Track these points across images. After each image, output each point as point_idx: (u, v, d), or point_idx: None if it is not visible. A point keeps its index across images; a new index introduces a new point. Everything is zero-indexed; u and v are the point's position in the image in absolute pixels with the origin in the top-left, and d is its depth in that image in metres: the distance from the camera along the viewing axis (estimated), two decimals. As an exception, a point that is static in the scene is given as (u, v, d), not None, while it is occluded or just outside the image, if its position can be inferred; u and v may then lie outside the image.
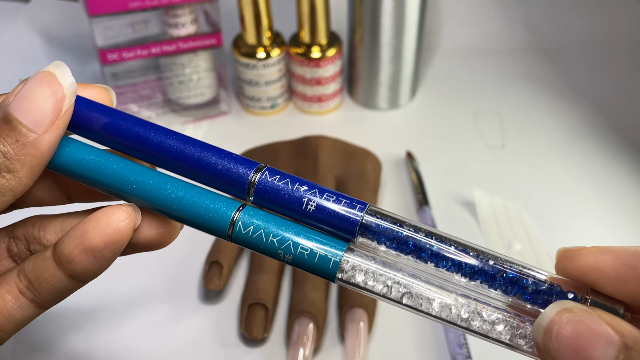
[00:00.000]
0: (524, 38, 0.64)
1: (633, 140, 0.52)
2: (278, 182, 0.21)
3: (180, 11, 0.48)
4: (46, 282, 0.21)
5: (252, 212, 0.21)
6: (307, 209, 0.21)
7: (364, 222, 0.21)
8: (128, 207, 0.21)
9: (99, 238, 0.20)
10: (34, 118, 0.19)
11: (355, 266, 0.20)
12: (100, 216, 0.20)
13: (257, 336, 0.36)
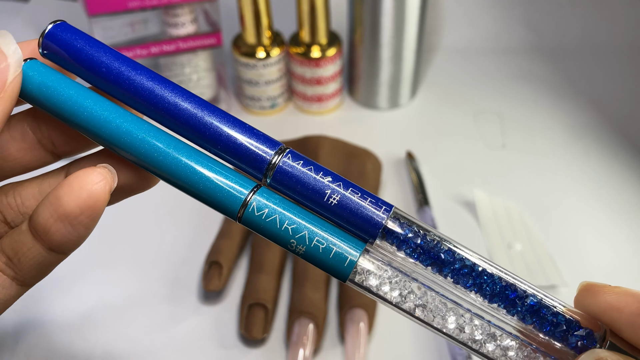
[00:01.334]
0: (524, 38, 0.64)
1: (633, 139, 0.52)
2: (301, 167, 0.19)
3: (180, 11, 0.48)
4: (25, 256, 0.19)
5: (267, 194, 0.19)
6: (328, 202, 0.19)
7: (387, 226, 0.19)
8: (102, 168, 0.19)
9: (73, 203, 0.18)
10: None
11: (369, 269, 0.19)
12: (73, 180, 0.18)
13: (257, 336, 0.36)
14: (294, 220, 0.18)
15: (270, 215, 0.18)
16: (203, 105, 0.19)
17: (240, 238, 0.41)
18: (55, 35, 0.19)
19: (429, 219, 0.44)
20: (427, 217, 0.44)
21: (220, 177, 0.18)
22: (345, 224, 0.19)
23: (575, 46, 0.63)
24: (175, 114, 0.19)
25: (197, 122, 0.19)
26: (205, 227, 0.44)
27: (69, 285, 0.41)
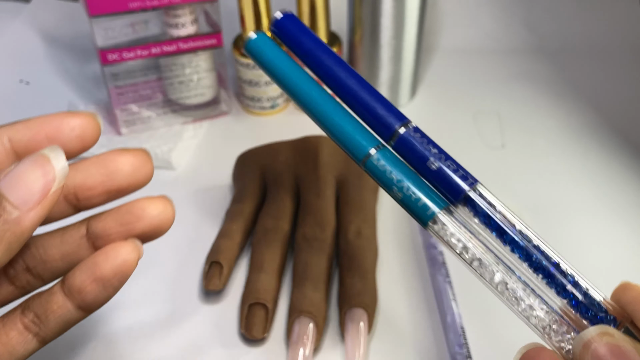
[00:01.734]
0: (524, 38, 0.64)
1: (633, 139, 0.52)
2: (416, 138, 0.26)
3: (181, 11, 0.48)
4: (54, 314, 0.22)
5: (388, 152, 0.25)
6: (429, 167, 0.26)
7: (469, 195, 0.26)
8: (133, 241, 0.22)
9: (109, 268, 0.22)
10: (21, 196, 0.20)
11: (444, 223, 0.25)
12: (109, 250, 0.22)
13: (257, 336, 0.36)
14: (400, 175, 0.25)
15: (385, 166, 0.25)
16: (356, 77, 0.27)
17: (241, 238, 0.42)
18: (281, 21, 0.28)
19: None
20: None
21: (360, 130, 0.26)
22: (440, 186, 0.26)
23: (575, 47, 0.63)
24: (342, 86, 0.27)
25: (348, 88, 0.27)
26: (205, 227, 0.45)
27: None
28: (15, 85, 0.60)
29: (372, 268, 0.39)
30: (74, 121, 0.22)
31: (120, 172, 0.24)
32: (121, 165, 0.23)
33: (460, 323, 0.37)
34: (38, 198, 0.20)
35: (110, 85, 0.50)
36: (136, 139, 0.51)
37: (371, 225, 0.42)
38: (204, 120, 0.55)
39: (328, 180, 0.44)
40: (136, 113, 0.52)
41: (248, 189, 0.44)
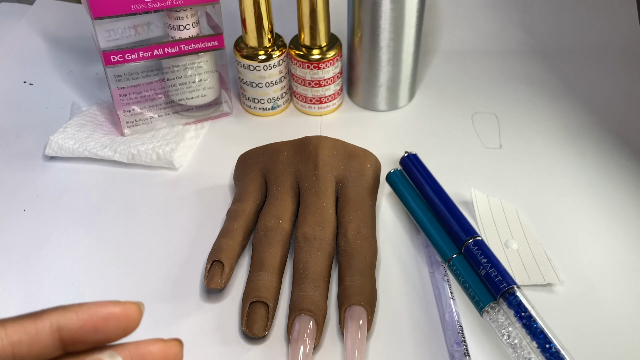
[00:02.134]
0: (521, 40, 0.64)
1: (629, 140, 0.52)
2: (476, 250, 0.39)
3: (183, 13, 0.49)
4: None
5: (459, 259, 0.40)
6: (481, 272, 0.38)
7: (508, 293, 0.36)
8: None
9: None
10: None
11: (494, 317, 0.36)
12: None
13: (258, 334, 0.37)
14: (465, 277, 0.39)
15: (456, 269, 0.39)
16: (453, 211, 0.42)
17: (242, 237, 0.42)
18: (410, 158, 0.47)
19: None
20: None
21: (445, 241, 0.41)
22: (489, 284, 0.38)
23: (571, 48, 0.63)
24: (438, 212, 0.43)
25: (447, 219, 0.42)
26: (207, 226, 0.45)
27: (72, 284, 0.41)
28: (19, 86, 0.60)
29: (372, 267, 0.40)
30: (120, 313, 0.23)
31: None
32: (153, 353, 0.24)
33: (458, 321, 0.37)
34: None
35: (113, 87, 0.50)
36: (139, 139, 0.52)
37: (371, 225, 0.42)
38: (205, 120, 0.55)
39: (328, 180, 0.44)
40: (139, 114, 0.52)
41: (249, 189, 0.45)
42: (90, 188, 0.49)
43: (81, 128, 0.52)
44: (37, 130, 0.55)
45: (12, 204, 0.48)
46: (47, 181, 0.50)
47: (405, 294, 0.40)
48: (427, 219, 0.43)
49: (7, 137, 0.54)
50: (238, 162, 0.48)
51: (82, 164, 0.51)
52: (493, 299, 0.36)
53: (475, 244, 0.39)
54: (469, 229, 0.40)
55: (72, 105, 0.56)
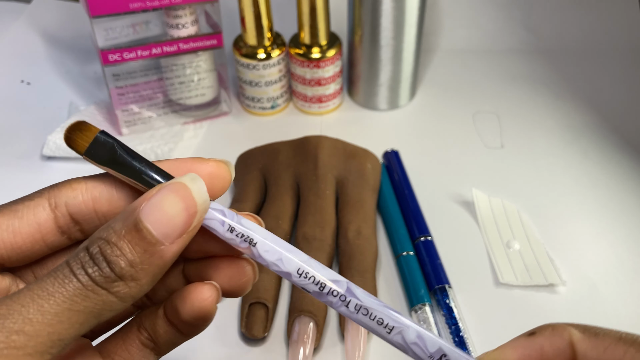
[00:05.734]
0: (523, 38, 0.64)
1: (631, 140, 0.52)
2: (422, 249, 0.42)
3: (181, 12, 0.48)
4: (161, 337, 0.24)
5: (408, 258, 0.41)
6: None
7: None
8: (211, 285, 0.23)
9: (188, 316, 0.23)
10: (165, 230, 0.20)
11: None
12: (187, 295, 0.23)
13: (257, 335, 0.37)
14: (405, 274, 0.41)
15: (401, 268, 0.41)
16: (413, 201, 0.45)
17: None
18: (390, 154, 0.48)
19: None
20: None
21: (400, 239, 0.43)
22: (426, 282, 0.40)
23: (573, 47, 0.63)
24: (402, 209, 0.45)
25: (407, 217, 0.44)
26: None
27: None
28: (16, 86, 0.60)
29: (372, 267, 0.39)
30: (205, 168, 0.22)
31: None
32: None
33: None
34: (180, 232, 0.20)
35: (111, 86, 0.50)
36: (137, 139, 0.52)
37: (371, 225, 0.42)
38: (204, 120, 0.55)
39: (328, 180, 0.44)
40: (137, 113, 0.52)
41: (248, 189, 0.45)
42: (88, 188, 0.49)
43: (79, 127, 0.52)
44: (34, 129, 0.54)
45: (9, 204, 0.47)
46: (45, 181, 0.49)
47: (405, 293, 0.40)
48: (391, 215, 0.44)
49: (5, 137, 0.54)
50: (237, 162, 0.48)
51: (80, 164, 0.51)
52: (427, 300, 0.38)
53: (425, 243, 0.42)
54: (424, 228, 0.43)
55: (69, 105, 0.56)
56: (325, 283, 0.21)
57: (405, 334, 0.21)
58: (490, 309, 0.39)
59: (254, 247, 0.21)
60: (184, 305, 0.22)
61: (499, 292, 0.40)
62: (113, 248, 0.19)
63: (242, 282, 0.23)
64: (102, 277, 0.19)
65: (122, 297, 0.19)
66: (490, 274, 0.41)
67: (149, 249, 0.19)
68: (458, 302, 0.39)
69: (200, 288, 0.22)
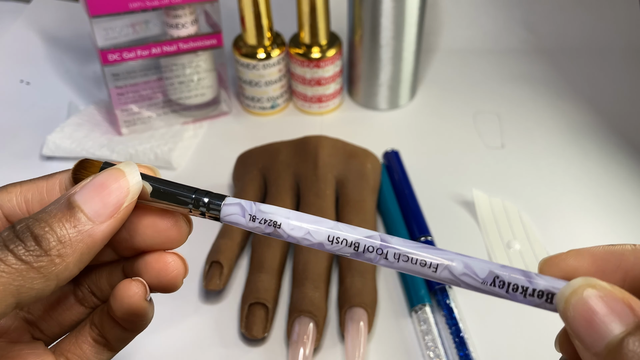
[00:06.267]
0: (524, 38, 0.64)
1: (632, 139, 0.52)
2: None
3: (181, 12, 0.48)
4: (110, 333, 0.24)
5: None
6: None
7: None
8: (137, 281, 0.23)
9: (120, 313, 0.23)
10: (96, 208, 0.20)
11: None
12: (116, 292, 0.23)
13: (257, 336, 0.36)
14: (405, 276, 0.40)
15: None
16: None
17: (241, 238, 0.42)
18: (391, 154, 0.48)
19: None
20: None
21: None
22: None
23: (574, 47, 0.63)
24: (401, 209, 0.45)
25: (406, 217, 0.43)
26: (205, 227, 0.45)
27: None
28: (15, 86, 0.60)
29: (372, 268, 0.39)
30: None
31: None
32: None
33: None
34: (111, 211, 0.20)
35: (111, 86, 0.50)
36: (137, 139, 0.51)
37: (371, 225, 0.42)
38: (204, 120, 0.55)
39: (328, 180, 0.44)
40: (137, 113, 0.52)
41: (248, 189, 0.44)
42: (87, 188, 0.49)
43: (78, 127, 0.52)
44: (34, 129, 0.54)
45: (8, 204, 0.47)
46: (44, 181, 0.49)
47: (405, 295, 0.40)
48: (391, 215, 0.44)
49: (4, 137, 0.54)
50: (237, 162, 0.48)
51: (80, 163, 0.51)
52: (427, 300, 0.38)
53: (425, 243, 0.41)
54: (424, 228, 0.43)
55: (69, 105, 0.56)
56: (358, 242, 0.21)
57: (452, 269, 0.21)
58: (490, 310, 0.39)
59: (279, 229, 0.22)
60: (114, 302, 0.23)
61: (500, 292, 0.40)
62: (42, 224, 0.19)
63: (170, 277, 0.23)
64: (25, 250, 0.19)
65: (45, 274, 0.19)
66: (491, 274, 0.41)
67: (79, 226, 0.20)
68: (458, 303, 0.39)
69: (128, 285, 0.23)
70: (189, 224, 0.24)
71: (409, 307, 0.39)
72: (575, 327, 0.18)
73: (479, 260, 0.21)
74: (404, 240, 0.21)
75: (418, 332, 0.37)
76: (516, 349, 0.36)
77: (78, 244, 0.20)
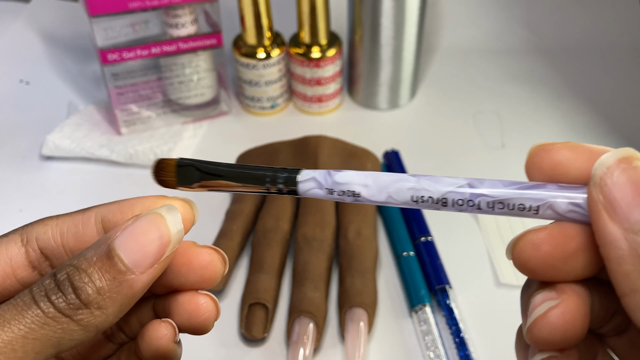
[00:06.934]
0: (524, 38, 0.64)
1: (631, 139, 0.52)
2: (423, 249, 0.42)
3: (181, 11, 0.48)
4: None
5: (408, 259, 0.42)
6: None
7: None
8: (167, 323, 0.22)
9: (148, 355, 0.22)
10: (136, 258, 0.19)
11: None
12: (145, 333, 0.22)
13: (257, 336, 0.36)
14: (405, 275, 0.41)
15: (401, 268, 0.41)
16: None
17: (241, 238, 0.42)
18: (391, 154, 0.48)
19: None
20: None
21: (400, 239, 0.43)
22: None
23: (574, 47, 0.63)
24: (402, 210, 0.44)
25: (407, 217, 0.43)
26: (205, 228, 0.45)
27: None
28: (15, 85, 0.60)
29: (372, 268, 0.39)
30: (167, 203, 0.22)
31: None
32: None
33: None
34: (152, 261, 0.20)
35: (110, 85, 0.50)
36: (136, 138, 0.51)
37: (371, 225, 0.42)
38: (204, 120, 0.55)
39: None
40: (136, 113, 0.52)
41: (248, 189, 0.44)
42: (87, 188, 0.49)
43: (78, 127, 0.52)
44: (33, 129, 0.54)
45: (8, 204, 0.47)
46: (44, 181, 0.49)
47: (405, 294, 0.40)
48: (391, 215, 0.44)
49: (3, 137, 0.54)
50: (237, 161, 0.48)
51: (79, 163, 0.51)
52: (427, 300, 0.38)
53: (425, 243, 0.42)
54: (424, 228, 0.43)
55: (68, 105, 0.56)
56: (445, 198, 0.20)
57: (556, 206, 0.19)
58: (490, 310, 0.39)
59: (360, 197, 0.21)
60: (142, 343, 0.22)
61: (500, 292, 0.40)
62: (82, 274, 0.19)
63: (201, 320, 0.23)
64: (66, 303, 0.18)
65: (85, 325, 0.19)
66: (491, 274, 0.41)
67: (119, 277, 0.19)
68: (458, 303, 0.39)
69: (157, 326, 0.22)
70: (224, 263, 0.23)
71: (409, 308, 0.39)
72: (614, 193, 0.16)
73: (583, 195, 0.18)
74: (494, 181, 0.19)
75: (418, 332, 0.37)
76: (516, 349, 0.36)
77: (117, 295, 0.19)
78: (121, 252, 0.19)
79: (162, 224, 0.20)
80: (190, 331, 0.23)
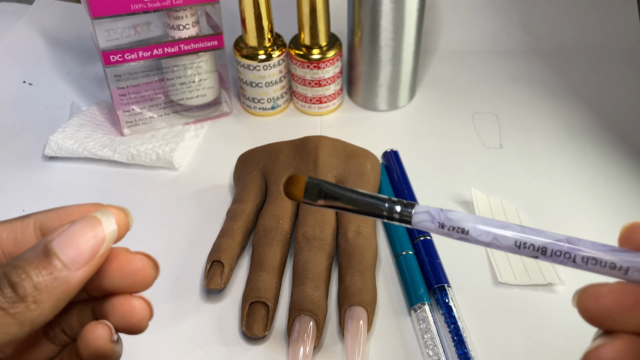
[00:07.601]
0: (522, 39, 0.64)
1: (629, 140, 0.52)
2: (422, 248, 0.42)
3: (182, 13, 0.49)
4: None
5: (407, 258, 0.42)
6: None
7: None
8: (103, 324, 0.23)
9: (87, 355, 0.23)
10: (72, 256, 0.21)
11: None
12: (82, 334, 0.23)
13: (258, 334, 0.37)
14: (405, 274, 0.41)
15: (400, 267, 0.42)
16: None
17: (242, 237, 0.42)
18: (390, 155, 0.49)
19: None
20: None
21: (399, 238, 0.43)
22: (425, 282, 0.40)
23: (572, 48, 0.63)
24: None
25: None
26: (206, 227, 0.45)
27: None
28: (18, 86, 0.60)
29: (372, 266, 0.40)
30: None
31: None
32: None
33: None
34: (87, 258, 0.21)
35: (113, 87, 0.50)
36: (138, 139, 0.52)
37: (370, 225, 0.42)
38: (205, 120, 0.55)
39: (327, 179, 0.44)
40: (138, 114, 0.52)
41: (249, 189, 0.45)
42: (89, 188, 0.49)
43: (81, 128, 0.52)
44: (36, 130, 0.55)
45: (11, 204, 0.47)
46: (47, 181, 0.50)
47: (405, 293, 0.40)
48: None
49: (7, 137, 0.54)
50: (238, 162, 0.48)
51: (82, 164, 0.51)
52: (426, 299, 0.38)
53: (424, 243, 0.42)
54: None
55: (71, 105, 0.56)
56: (545, 247, 0.22)
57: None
58: (489, 309, 0.39)
59: (467, 235, 0.23)
60: (81, 344, 0.23)
61: (498, 291, 0.40)
62: (19, 271, 0.20)
63: (135, 320, 0.23)
64: (2, 297, 0.19)
65: (20, 319, 0.19)
66: (489, 273, 0.41)
67: (55, 273, 0.20)
68: (457, 302, 0.39)
69: (94, 327, 0.23)
70: (156, 269, 0.24)
71: (408, 306, 0.39)
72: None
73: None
74: (592, 242, 0.22)
75: (417, 330, 0.37)
76: (515, 347, 0.37)
77: (54, 290, 0.20)
78: (58, 250, 0.20)
79: (97, 225, 0.22)
80: (126, 331, 0.24)
